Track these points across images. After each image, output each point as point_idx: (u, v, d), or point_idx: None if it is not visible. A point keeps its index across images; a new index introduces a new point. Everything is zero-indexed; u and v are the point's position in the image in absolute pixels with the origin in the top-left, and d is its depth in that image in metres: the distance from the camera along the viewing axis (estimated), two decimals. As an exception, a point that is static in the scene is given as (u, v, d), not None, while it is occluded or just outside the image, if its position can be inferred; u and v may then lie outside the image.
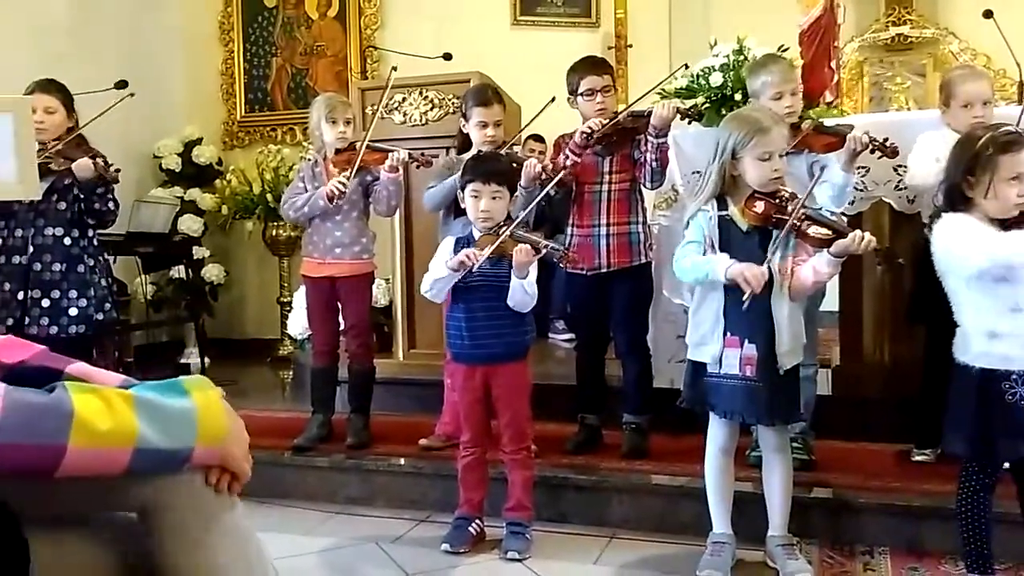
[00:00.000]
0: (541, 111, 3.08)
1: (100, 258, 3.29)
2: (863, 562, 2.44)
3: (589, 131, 2.89)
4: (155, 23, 5.91)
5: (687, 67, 3.27)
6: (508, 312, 2.50)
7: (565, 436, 3.18)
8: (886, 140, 2.56)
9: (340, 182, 3.09)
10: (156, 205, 5.23)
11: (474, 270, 2.43)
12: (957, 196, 2.06)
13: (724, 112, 3.19)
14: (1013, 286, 1.98)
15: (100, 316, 3.19)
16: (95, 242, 3.26)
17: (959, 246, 2.03)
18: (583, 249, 3.02)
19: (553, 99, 3.05)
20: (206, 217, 5.77)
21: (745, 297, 2.16)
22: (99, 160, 3.02)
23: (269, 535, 2.77)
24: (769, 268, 2.21)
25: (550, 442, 3.13)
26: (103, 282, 3.25)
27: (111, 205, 3.18)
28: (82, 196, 3.10)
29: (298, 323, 4.42)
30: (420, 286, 2.63)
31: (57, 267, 3.11)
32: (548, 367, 4.29)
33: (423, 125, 3.94)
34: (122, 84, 3.81)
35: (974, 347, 2.05)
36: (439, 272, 2.53)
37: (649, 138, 2.86)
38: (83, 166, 3.00)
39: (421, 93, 3.95)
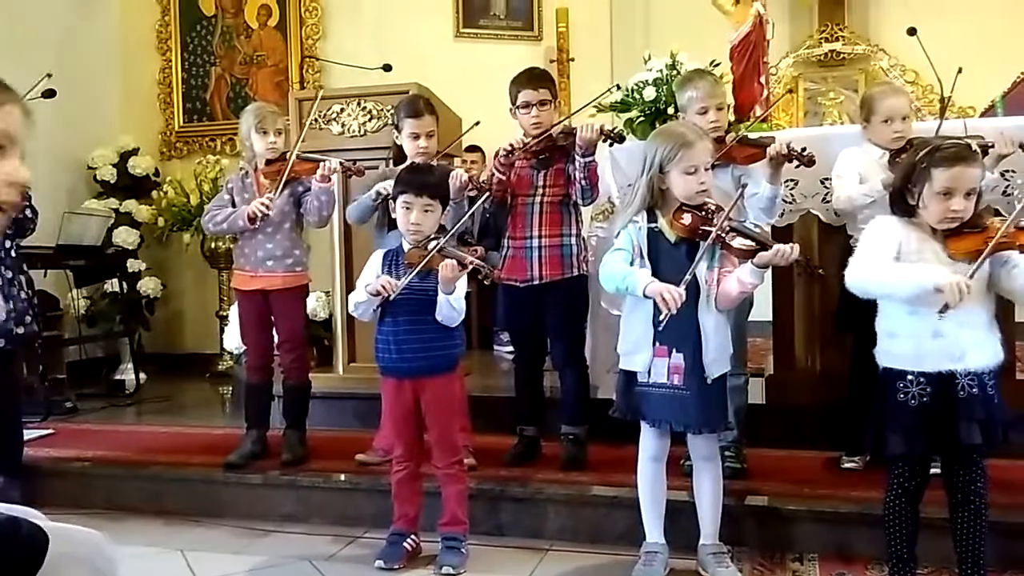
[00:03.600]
0: (464, 133, 3.11)
1: (19, 270, 3.18)
2: (792, 569, 2.48)
3: (510, 148, 2.91)
4: (89, 31, 5.76)
5: (619, 87, 3.30)
6: (435, 325, 2.49)
7: (507, 448, 3.17)
8: (804, 150, 2.63)
9: (263, 203, 3.04)
10: (87, 217, 5.07)
11: (391, 299, 2.42)
12: (900, 202, 2.12)
13: (658, 125, 3.23)
14: None
15: (21, 330, 3.08)
16: (13, 254, 3.15)
17: (854, 256, 2.11)
18: (517, 261, 3.03)
19: (478, 123, 3.09)
20: (142, 229, 5.63)
21: (661, 317, 2.20)
22: None
23: (198, 554, 2.74)
24: (695, 278, 2.25)
25: (491, 454, 3.12)
26: (23, 295, 3.14)
27: (27, 213, 3.07)
28: None
29: (234, 337, 4.33)
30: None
31: None
32: (492, 379, 4.29)
33: (361, 136, 3.91)
34: (50, 93, 3.71)
35: (879, 346, 2.13)
36: (360, 295, 2.52)
37: (576, 157, 2.89)
38: None
39: (359, 104, 3.92)
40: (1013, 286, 2.04)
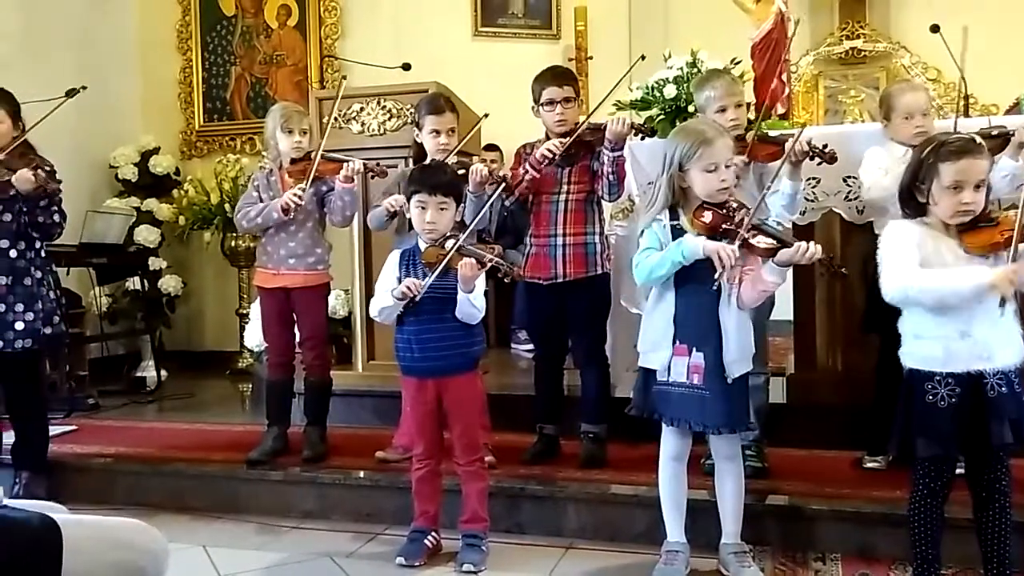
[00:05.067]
0: (472, 129, 3.16)
1: (48, 271, 3.20)
2: (815, 569, 2.47)
3: (550, 155, 2.89)
4: (110, 30, 5.82)
5: (643, 57, 3.27)
6: (456, 324, 2.49)
7: (526, 446, 3.18)
8: (825, 146, 2.61)
9: (296, 195, 3.07)
10: (109, 216, 5.13)
11: (417, 299, 2.43)
12: (910, 200, 2.10)
13: (679, 124, 3.21)
14: None
15: (48, 330, 3.11)
16: (43, 254, 3.18)
17: (885, 267, 2.08)
18: (540, 259, 3.03)
19: (486, 115, 3.15)
20: (163, 228, 5.68)
21: (716, 276, 2.18)
22: (40, 171, 2.93)
23: (220, 550, 2.76)
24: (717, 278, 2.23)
25: (510, 452, 3.12)
26: (51, 295, 3.17)
27: (56, 218, 3.10)
28: (25, 208, 3.03)
29: (255, 335, 4.36)
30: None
31: (2, 280, 3.02)
32: (510, 377, 4.30)
33: (381, 135, 3.92)
34: (73, 92, 3.74)
35: (904, 347, 2.11)
36: (385, 300, 2.52)
37: (605, 152, 2.88)
38: (23, 178, 2.90)
39: (379, 103, 3.93)
40: None
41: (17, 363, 3.07)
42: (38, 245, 3.15)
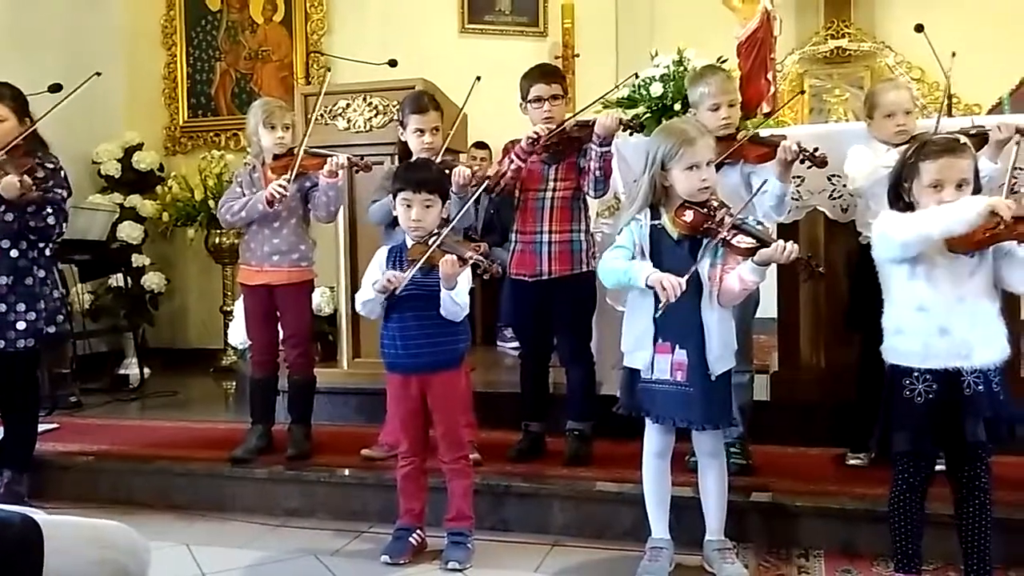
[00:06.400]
0: (455, 121, 3.15)
1: (52, 270, 3.14)
2: (798, 565, 2.48)
3: (536, 136, 2.91)
4: (95, 24, 5.76)
5: (637, 76, 3.28)
6: (441, 321, 2.49)
7: (511, 444, 3.18)
8: (816, 150, 2.62)
9: (280, 185, 3.04)
10: (92, 212, 5.08)
11: (398, 292, 2.43)
12: (896, 200, 2.12)
13: (665, 122, 3.22)
14: (923, 283, 2.05)
15: (52, 329, 3.06)
16: (47, 253, 3.10)
17: (881, 237, 2.09)
18: (526, 256, 3.03)
19: (479, 78, 3.11)
20: (147, 224, 5.64)
21: (660, 305, 2.21)
22: (27, 178, 2.84)
23: (204, 548, 2.75)
24: (699, 275, 2.25)
25: (496, 450, 3.12)
26: (54, 294, 3.11)
27: (50, 220, 3.00)
28: (15, 213, 2.97)
29: (239, 332, 4.33)
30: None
31: (3, 279, 2.97)
32: (496, 375, 4.29)
33: (367, 131, 3.90)
34: (56, 88, 3.70)
35: (885, 342, 2.14)
36: (367, 293, 2.52)
37: (592, 147, 2.89)
38: (6, 186, 2.82)
39: (365, 99, 3.91)
40: (1012, 276, 2.04)
41: (17, 362, 3.03)
42: (41, 244, 3.08)
